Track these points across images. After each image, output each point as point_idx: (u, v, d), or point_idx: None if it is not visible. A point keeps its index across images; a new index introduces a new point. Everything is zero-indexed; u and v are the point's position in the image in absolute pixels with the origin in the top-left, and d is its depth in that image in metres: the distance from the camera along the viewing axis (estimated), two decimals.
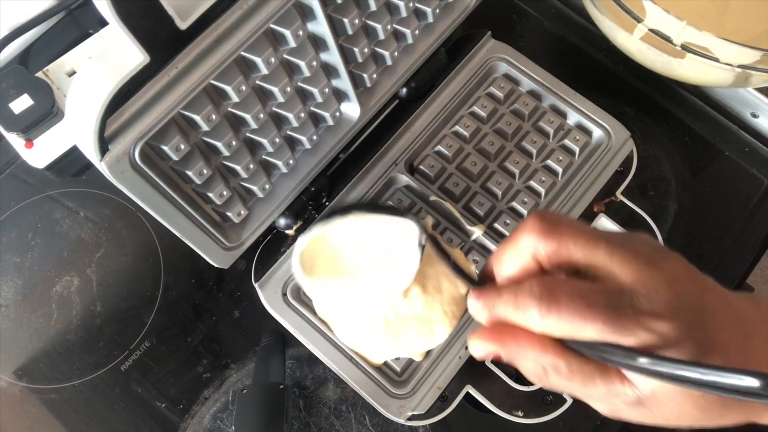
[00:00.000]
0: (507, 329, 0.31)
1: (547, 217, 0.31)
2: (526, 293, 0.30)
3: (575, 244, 0.30)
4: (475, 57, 0.62)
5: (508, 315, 0.31)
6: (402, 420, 0.50)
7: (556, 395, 0.50)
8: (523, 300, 0.30)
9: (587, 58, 0.68)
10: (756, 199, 0.62)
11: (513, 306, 0.31)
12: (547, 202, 0.58)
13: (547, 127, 0.59)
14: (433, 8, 0.55)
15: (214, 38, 0.39)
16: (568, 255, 0.31)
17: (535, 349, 0.30)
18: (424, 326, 0.52)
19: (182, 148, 0.42)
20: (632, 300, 0.28)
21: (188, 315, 0.59)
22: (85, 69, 0.37)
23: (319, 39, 0.48)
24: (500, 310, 0.31)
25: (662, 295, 0.28)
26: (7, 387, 0.57)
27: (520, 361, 0.31)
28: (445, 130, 0.60)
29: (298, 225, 0.56)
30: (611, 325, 0.28)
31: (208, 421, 0.55)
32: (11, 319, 0.59)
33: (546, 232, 0.31)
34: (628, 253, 0.30)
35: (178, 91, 0.39)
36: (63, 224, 0.62)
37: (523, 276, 0.32)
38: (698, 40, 0.52)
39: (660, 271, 0.29)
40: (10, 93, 0.55)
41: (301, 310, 0.53)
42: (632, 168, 0.58)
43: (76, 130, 0.38)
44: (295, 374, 0.56)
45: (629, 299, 0.29)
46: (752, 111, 0.65)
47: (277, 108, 0.49)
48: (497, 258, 0.34)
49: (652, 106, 0.66)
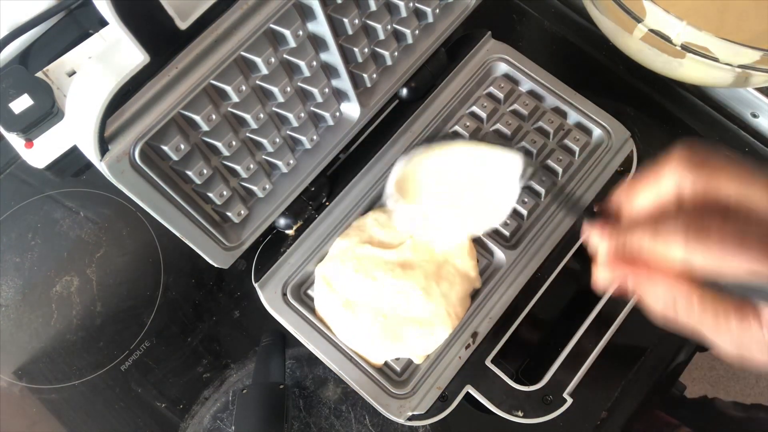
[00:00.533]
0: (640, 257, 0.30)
1: (698, 149, 0.30)
2: (671, 222, 0.28)
3: (730, 177, 0.29)
4: (475, 57, 0.62)
5: (644, 243, 0.29)
6: (402, 420, 0.50)
7: (556, 395, 0.50)
8: (667, 228, 0.28)
9: (587, 58, 0.68)
10: None
11: (652, 234, 0.29)
12: (547, 202, 0.58)
13: (547, 127, 0.59)
14: (433, 8, 0.55)
15: (214, 38, 0.39)
16: (719, 190, 0.29)
17: (668, 278, 0.29)
18: (425, 327, 0.52)
19: (182, 148, 0.42)
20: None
21: (188, 315, 0.59)
22: (85, 69, 0.37)
23: (319, 39, 0.48)
24: (634, 238, 0.30)
25: None
26: (7, 387, 0.57)
27: (649, 289, 0.30)
28: (445, 131, 0.60)
29: (298, 225, 0.56)
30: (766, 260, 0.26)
31: (208, 421, 0.55)
32: (11, 319, 0.59)
33: (697, 165, 0.29)
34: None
35: (178, 91, 0.39)
36: (63, 224, 0.62)
37: (657, 212, 0.30)
38: (698, 40, 0.52)
39: None
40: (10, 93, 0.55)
41: (301, 310, 0.53)
42: (632, 168, 0.58)
43: (76, 130, 0.38)
44: (295, 374, 0.56)
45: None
46: (752, 111, 0.65)
47: (277, 108, 0.49)
48: (629, 190, 0.32)
49: (652, 106, 0.66)
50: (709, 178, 0.29)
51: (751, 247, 0.27)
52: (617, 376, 0.54)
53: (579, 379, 0.51)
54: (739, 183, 0.29)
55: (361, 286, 0.53)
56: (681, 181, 0.30)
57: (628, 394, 0.54)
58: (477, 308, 0.53)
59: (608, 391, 0.54)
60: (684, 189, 0.30)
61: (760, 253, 0.27)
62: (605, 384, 0.54)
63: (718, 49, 0.52)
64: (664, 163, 0.30)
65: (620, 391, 0.54)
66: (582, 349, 0.51)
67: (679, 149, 0.30)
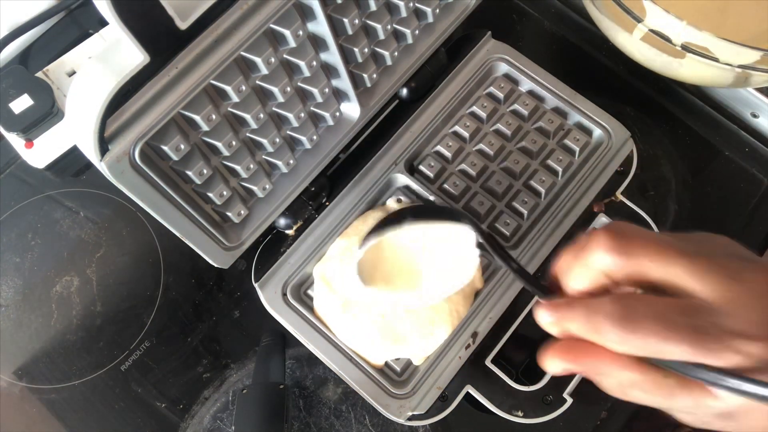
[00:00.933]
0: (582, 345, 0.30)
1: (619, 232, 0.30)
2: (602, 315, 0.29)
3: (650, 260, 0.29)
4: (475, 57, 0.62)
5: (583, 334, 0.30)
6: (402, 420, 0.50)
7: (556, 395, 0.50)
8: (599, 321, 0.28)
9: (587, 58, 0.68)
10: (756, 199, 0.62)
11: (587, 327, 0.29)
12: (547, 202, 0.58)
13: (547, 127, 0.59)
14: (433, 8, 0.55)
15: (214, 38, 0.39)
16: (642, 272, 0.29)
17: (614, 366, 0.29)
18: (426, 327, 0.52)
19: (182, 148, 0.42)
20: (717, 319, 0.27)
21: (188, 315, 0.59)
22: (85, 69, 0.37)
23: (319, 39, 0.48)
24: (573, 328, 0.30)
25: (749, 312, 0.27)
26: (7, 387, 0.57)
27: (599, 377, 0.30)
28: (445, 130, 0.60)
29: (298, 225, 0.56)
30: (696, 347, 0.27)
31: (208, 421, 0.55)
32: (11, 319, 0.59)
33: (618, 249, 0.29)
34: (708, 267, 0.28)
35: (178, 91, 0.39)
36: (63, 224, 0.62)
37: (593, 290, 0.31)
38: (698, 40, 0.52)
39: (744, 285, 0.28)
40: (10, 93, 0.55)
41: (301, 310, 0.53)
42: (632, 168, 0.58)
43: (76, 130, 0.38)
44: (295, 374, 0.56)
45: (713, 318, 0.27)
46: (752, 111, 0.65)
47: (277, 108, 0.49)
48: (564, 271, 0.32)
49: (652, 106, 0.66)
50: (632, 261, 0.29)
51: (679, 334, 0.27)
52: None
53: (579, 379, 0.51)
54: (661, 265, 0.29)
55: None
56: (607, 264, 0.30)
57: None
58: (477, 308, 0.53)
59: None
60: (610, 272, 0.30)
61: (687, 341, 0.27)
62: None
63: (718, 49, 0.52)
64: (589, 244, 0.30)
65: None
66: None
67: (601, 230, 0.30)
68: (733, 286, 0.28)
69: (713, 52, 0.52)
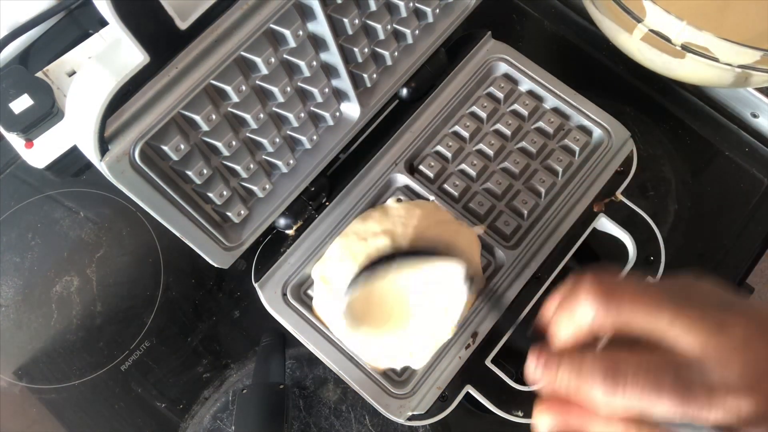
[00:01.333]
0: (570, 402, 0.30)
1: (605, 283, 0.30)
2: (588, 372, 0.29)
3: (636, 311, 0.29)
4: (475, 57, 0.62)
5: (572, 390, 0.30)
6: (402, 420, 0.50)
7: None
8: (586, 379, 0.29)
9: (587, 58, 0.68)
10: (756, 199, 0.62)
11: (576, 382, 0.30)
12: (547, 202, 0.58)
13: (547, 127, 0.59)
14: (433, 8, 0.55)
15: (214, 38, 0.39)
16: (627, 322, 0.29)
17: (602, 422, 0.29)
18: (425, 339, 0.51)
19: (182, 148, 0.42)
20: (702, 374, 0.27)
21: (188, 315, 0.59)
22: (85, 69, 0.37)
23: (319, 39, 0.48)
24: (563, 383, 0.30)
25: (735, 365, 0.27)
26: (7, 387, 0.57)
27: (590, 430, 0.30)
28: (445, 130, 0.60)
29: (298, 225, 0.56)
30: (683, 404, 0.27)
31: (208, 421, 0.55)
32: (11, 319, 0.59)
33: (604, 300, 0.30)
34: (692, 319, 0.28)
35: (178, 91, 0.39)
36: (63, 224, 0.62)
37: (580, 339, 0.31)
38: (698, 40, 0.52)
39: (729, 337, 0.28)
40: (10, 93, 0.55)
41: (301, 310, 0.53)
42: (632, 168, 0.58)
43: (76, 130, 0.38)
44: (295, 374, 0.56)
45: (699, 373, 0.27)
46: (752, 111, 0.65)
47: (277, 108, 0.49)
48: (553, 318, 0.33)
49: (652, 106, 0.66)
50: (618, 312, 0.30)
51: (667, 390, 0.27)
52: None
53: None
54: (646, 316, 0.29)
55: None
56: (593, 314, 0.30)
57: None
58: (477, 308, 0.53)
59: None
60: (597, 321, 0.30)
61: (674, 397, 0.27)
62: None
63: (718, 49, 0.52)
64: (576, 294, 0.31)
65: None
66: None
67: (588, 279, 0.31)
68: (718, 338, 0.28)
69: (713, 52, 0.52)
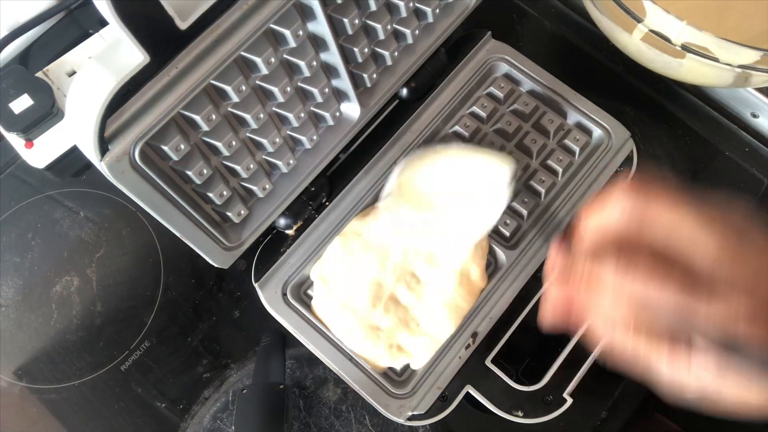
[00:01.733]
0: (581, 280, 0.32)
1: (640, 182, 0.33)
2: (604, 252, 0.31)
3: (663, 208, 0.31)
4: (475, 57, 0.62)
5: (586, 270, 0.32)
6: (402, 420, 0.50)
7: (556, 395, 0.50)
8: (601, 258, 0.31)
9: (587, 58, 0.68)
10: (756, 199, 0.62)
11: (591, 262, 0.31)
12: (547, 202, 0.58)
13: (547, 127, 0.59)
14: (433, 8, 0.55)
15: (214, 38, 0.39)
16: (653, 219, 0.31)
17: (609, 299, 0.31)
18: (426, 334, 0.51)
19: (182, 148, 0.42)
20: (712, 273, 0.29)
21: (188, 315, 0.59)
22: (85, 69, 0.37)
23: (319, 39, 0.48)
24: (579, 261, 0.32)
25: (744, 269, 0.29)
26: (7, 387, 0.57)
27: (592, 309, 0.32)
28: (445, 130, 0.60)
29: (298, 225, 0.56)
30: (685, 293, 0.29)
31: (208, 421, 0.55)
32: (11, 319, 0.59)
33: (637, 192, 0.32)
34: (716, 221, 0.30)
35: (178, 91, 0.39)
36: (63, 224, 0.62)
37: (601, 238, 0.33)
38: (698, 40, 0.52)
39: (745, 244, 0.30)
40: (10, 93, 0.55)
41: (301, 310, 0.53)
42: (632, 168, 0.58)
43: (76, 130, 0.38)
44: (295, 374, 0.56)
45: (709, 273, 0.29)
46: (752, 111, 0.65)
47: (277, 108, 0.49)
48: (584, 213, 0.34)
49: (652, 106, 0.66)
50: (646, 205, 0.32)
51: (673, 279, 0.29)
52: (617, 376, 0.54)
53: (579, 379, 0.51)
54: (672, 214, 0.31)
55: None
56: (623, 207, 0.32)
57: (628, 394, 0.54)
58: (477, 308, 0.53)
59: (608, 391, 0.54)
60: (625, 215, 0.32)
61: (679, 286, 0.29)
62: (605, 384, 0.54)
63: (718, 49, 0.52)
64: (611, 191, 0.33)
65: (620, 391, 0.54)
66: (582, 349, 0.51)
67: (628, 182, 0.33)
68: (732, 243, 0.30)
69: (713, 52, 0.52)
